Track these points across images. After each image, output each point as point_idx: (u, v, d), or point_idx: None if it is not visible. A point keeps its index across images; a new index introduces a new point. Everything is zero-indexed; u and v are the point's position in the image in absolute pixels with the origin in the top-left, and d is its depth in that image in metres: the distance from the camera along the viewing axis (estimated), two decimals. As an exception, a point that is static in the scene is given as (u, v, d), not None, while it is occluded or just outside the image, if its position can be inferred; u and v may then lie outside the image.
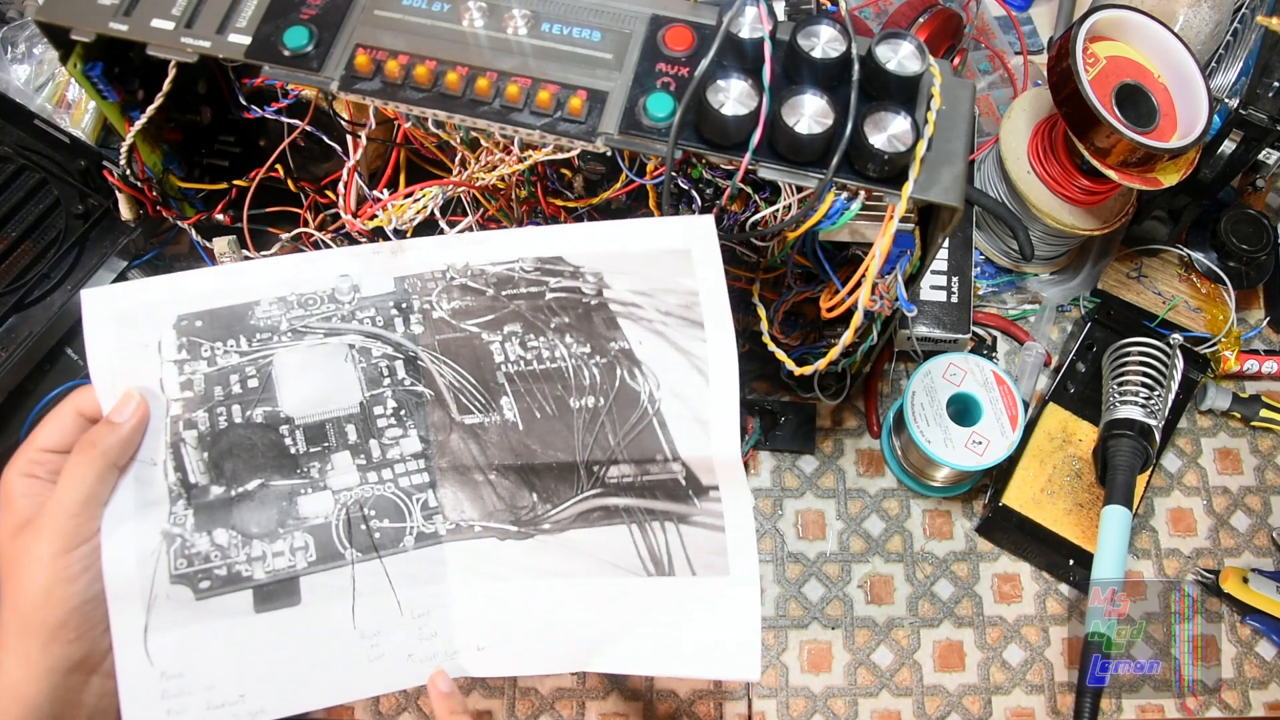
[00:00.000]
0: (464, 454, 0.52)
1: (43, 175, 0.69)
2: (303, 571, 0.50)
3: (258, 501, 0.49)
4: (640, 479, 0.52)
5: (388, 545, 0.51)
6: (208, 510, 0.48)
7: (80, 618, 0.44)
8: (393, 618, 0.51)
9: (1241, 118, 0.66)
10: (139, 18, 0.50)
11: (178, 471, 0.48)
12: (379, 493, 0.51)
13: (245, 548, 0.49)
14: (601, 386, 0.52)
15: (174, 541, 0.48)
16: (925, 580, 0.71)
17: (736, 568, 0.51)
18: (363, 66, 0.48)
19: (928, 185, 0.46)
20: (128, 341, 0.48)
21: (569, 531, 0.52)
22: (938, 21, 0.79)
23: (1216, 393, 0.75)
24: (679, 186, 0.52)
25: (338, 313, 0.51)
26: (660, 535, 0.52)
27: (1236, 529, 0.73)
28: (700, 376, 0.51)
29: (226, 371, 0.49)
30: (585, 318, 0.51)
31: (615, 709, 0.66)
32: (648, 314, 0.51)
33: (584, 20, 0.50)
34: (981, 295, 0.79)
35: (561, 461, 0.52)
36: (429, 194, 0.56)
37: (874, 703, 0.67)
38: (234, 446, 0.49)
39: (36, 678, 0.42)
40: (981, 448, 0.65)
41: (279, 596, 0.49)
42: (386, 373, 0.51)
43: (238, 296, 0.49)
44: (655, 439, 0.52)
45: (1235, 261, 0.75)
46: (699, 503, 0.52)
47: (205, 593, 0.48)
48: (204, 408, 0.49)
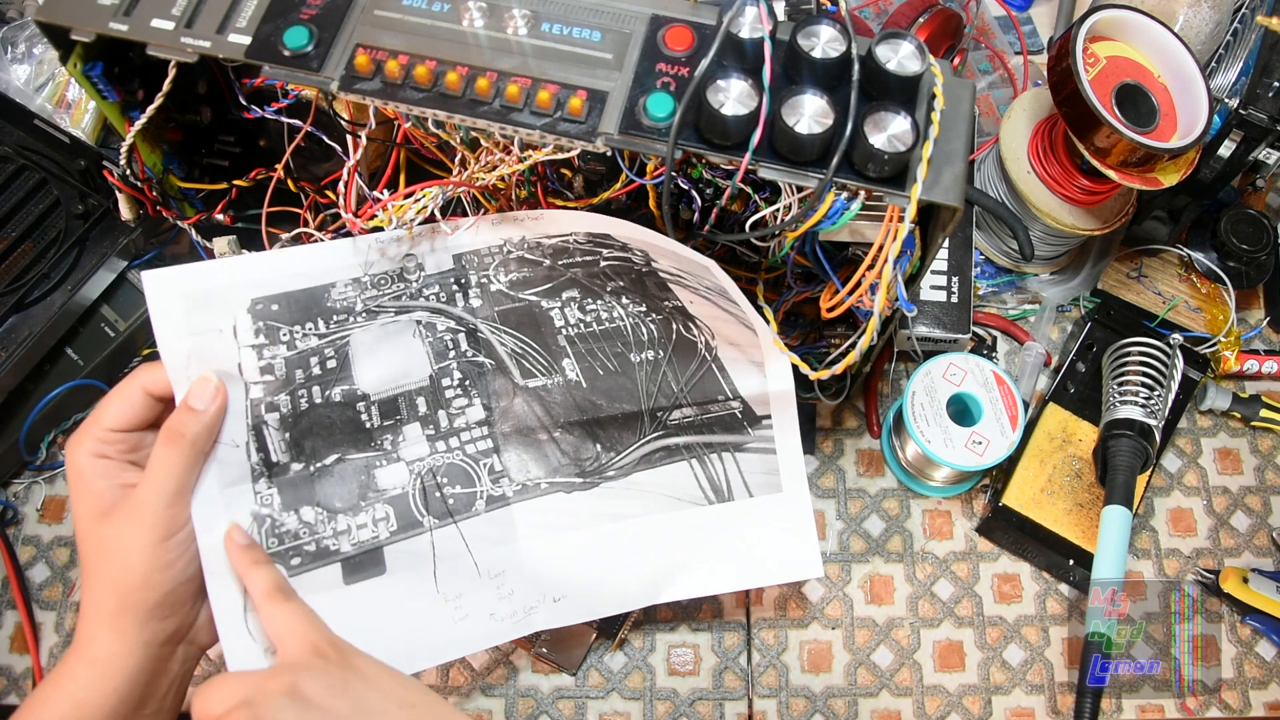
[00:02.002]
0: (528, 416, 0.54)
1: (43, 175, 0.69)
2: (385, 541, 0.51)
3: (337, 476, 0.51)
4: (700, 417, 0.55)
5: (461, 510, 0.53)
6: (291, 487, 0.50)
7: (174, 598, 0.46)
8: (472, 579, 0.53)
9: (1241, 118, 0.66)
10: (139, 18, 0.50)
11: (260, 452, 0.49)
12: (449, 461, 0.53)
13: (331, 522, 0.50)
14: (660, 340, 0.55)
15: (264, 522, 0.49)
16: (925, 580, 0.71)
17: (789, 484, 0.56)
18: (363, 66, 0.48)
19: (928, 185, 0.46)
20: (200, 325, 0.48)
21: (633, 475, 0.55)
22: (938, 21, 0.79)
23: (1216, 393, 0.75)
24: (679, 186, 0.52)
25: (407, 291, 0.52)
26: (719, 465, 0.56)
27: (1236, 529, 0.73)
28: (748, 331, 0.53)
29: (306, 354, 0.50)
30: (638, 282, 0.54)
31: (615, 709, 0.66)
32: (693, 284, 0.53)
33: (584, 20, 0.50)
34: (981, 295, 0.79)
35: (627, 412, 0.55)
36: (429, 194, 0.56)
37: (874, 703, 0.67)
38: (314, 425, 0.50)
39: (132, 651, 0.45)
40: (981, 448, 0.65)
41: (366, 567, 0.51)
42: (451, 345, 0.53)
43: (313, 279, 0.51)
44: (716, 382, 0.55)
45: (1235, 261, 0.75)
46: (753, 430, 0.55)
47: (297, 569, 0.50)
48: (286, 391, 0.50)
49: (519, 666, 0.67)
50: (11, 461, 0.70)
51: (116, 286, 0.71)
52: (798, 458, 0.56)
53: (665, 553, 0.55)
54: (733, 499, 0.56)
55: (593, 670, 0.67)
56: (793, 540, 0.56)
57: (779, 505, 0.56)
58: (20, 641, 0.67)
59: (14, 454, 0.70)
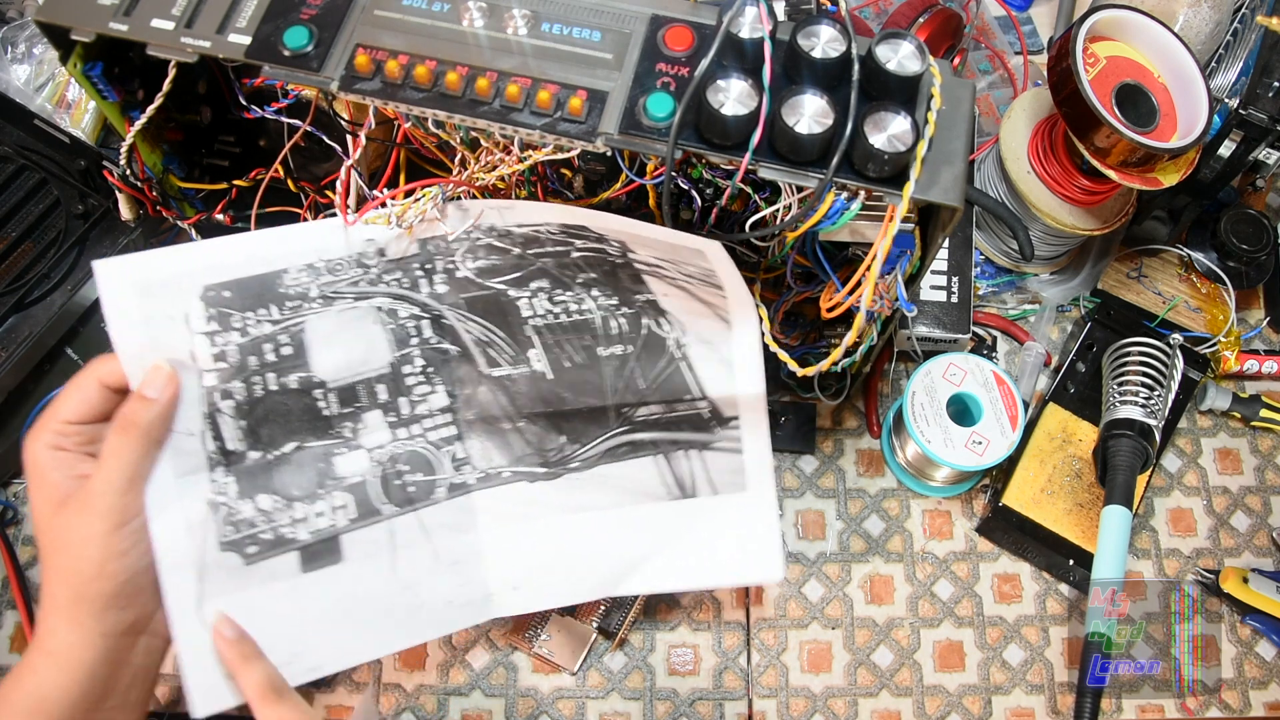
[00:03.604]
0: (492, 405, 0.53)
1: (43, 175, 0.69)
2: (343, 529, 0.51)
3: (295, 464, 0.50)
4: (667, 415, 0.54)
5: (421, 498, 0.52)
6: (248, 475, 0.49)
7: (131, 587, 0.45)
8: (430, 567, 0.52)
9: (1241, 118, 0.66)
10: (139, 18, 0.50)
11: (216, 440, 0.48)
12: (410, 448, 0.52)
13: (288, 510, 0.50)
14: (629, 335, 0.54)
15: (220, 510, 0.49)
16: (925, 580, 0.71)
17: (754, 484, 0.55)
18: (363, 66, 0.48)
19: (928, 185, 0.46)
20: (152, 313, 0.47)
21: (597, 467, 0.54)
22: (938, 21, 0.79)
23: (1216, 393, 0.75)
24: (679, 186, 0.52)
25: (365, 277, 0.51)
26: (684, 462, 0.55)
27: (1236, 529, 0.73)
28: (724, 324, 0.53)
29: (260, 341, 0.49)
30: (611, 274, 0.53)
31: (615, 709, 0.66)
32: (671, 273, 0.52)
33: (584, 20, 0.50)
34: (981, 295, 0.79)
35: (593, 406, 0.54)
36: (429, 194, 0.56)
37: (874, 703, 0.67)
38: (270, 413, 0.50)
39: (90, 643, 0.44)
40: (981, 448, 0.65)
41: (323, 555, 0.51)
42: (414, 332, 0.52)
43: (265, 265, 0.50)
44: (683, 381, 0.54)
45: (1235, 261, 0.75)
46: (719, 430, 0.54)
47: (253, 557, 0.49)
48: (240, 378, 0.49)
49: (519, 666, 0.67)
50: (11, 461, 0.70)
51: (116, 286, 0.71)
52: (766, 460, 0.55)
53: (626, 546, 0.55)
54: (696, 496, 0.55)
55: (593, 670, 0.67)
56: (755, 542, 0.55)
57: (743, 506, 0.55)
58: (20, 641, 0.67)
59: (14, 454, 0.70)
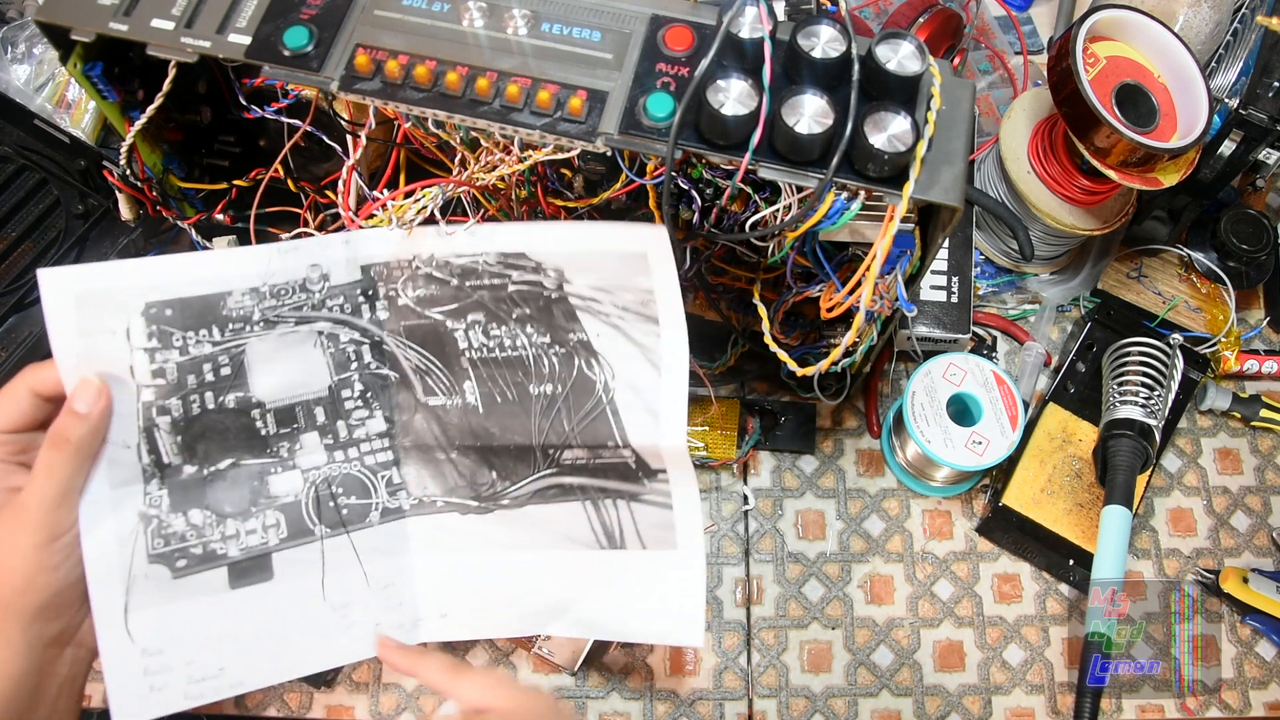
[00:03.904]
0: (426, 433, 0.54)
1: (43, 175, 0.69)
2: (274, 548, 0.51)
3: (230, 481, 0.50)
4: (593, 462, 0.54)
5: (354, 520, 0.53)
6: (182, 489, 0.49)
7: (60, 600, 0.45)
8: (360, 589, 0.53)
9: (1241, 118, 0.66)
10: (139, 18, 0.50)
11: (151, 454, 0.49)
12: (346, 471, 0.53)
13: (219, 526, 0.50)
14: (560, 375, 0.54)
15: (151, 522, 0.49)
16: (925, 580, 0.71)
17: (684, 543, 0.54)
18: (363, 66, 0.48)
19: (928, 185, 0.46)
20: (92, 326, 0.47)
21: (527, 507, 0.54)
22: (938, 21, 0.79)
23: (1216, 393, 0.75)
24: (679, 186, 0.52)
25: (308, 301, 0.52)
26: (612, 511, 0.54)
27: (1236, 529, 0.73)
28: (653, 369, 0.52)
29: (199, 360, 0.49)
30: (546, 310, 0.53)
31: (615, 709, 0.66)
32: (605, 308, 0.53)
33: (584, 20, 0.50)
34: (981, 295, 0.79)
35: (519, 444, 0.54)
36: (429, 194, 0.56)
37: (874, 703, 0.67)
38: (207, 430, 0.50)
39: (17, 654, 0.44)
40: (981, 448, 0.65)
41: (252, 573, 0.51)
42: (354, 357, 0.53)
43: (209, 286, 0.50)
44: (608, 426, 0.54)
45: (1235, 261, 0.75)
46: (648, 483, 0.54)
47: (182, 571, 0.49)
48: (178, 395, 0.49)
49: (519, 666, 0.67)
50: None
51: (116, 286, 0.71)
52: (696, 518, 0.54)
53: (552, 588, 0.55)
54: (625, 548, 0.54)
55: (593, 670, 0.67)
56: (680, 602, 0.54)
57: (671, 564, 0.54)
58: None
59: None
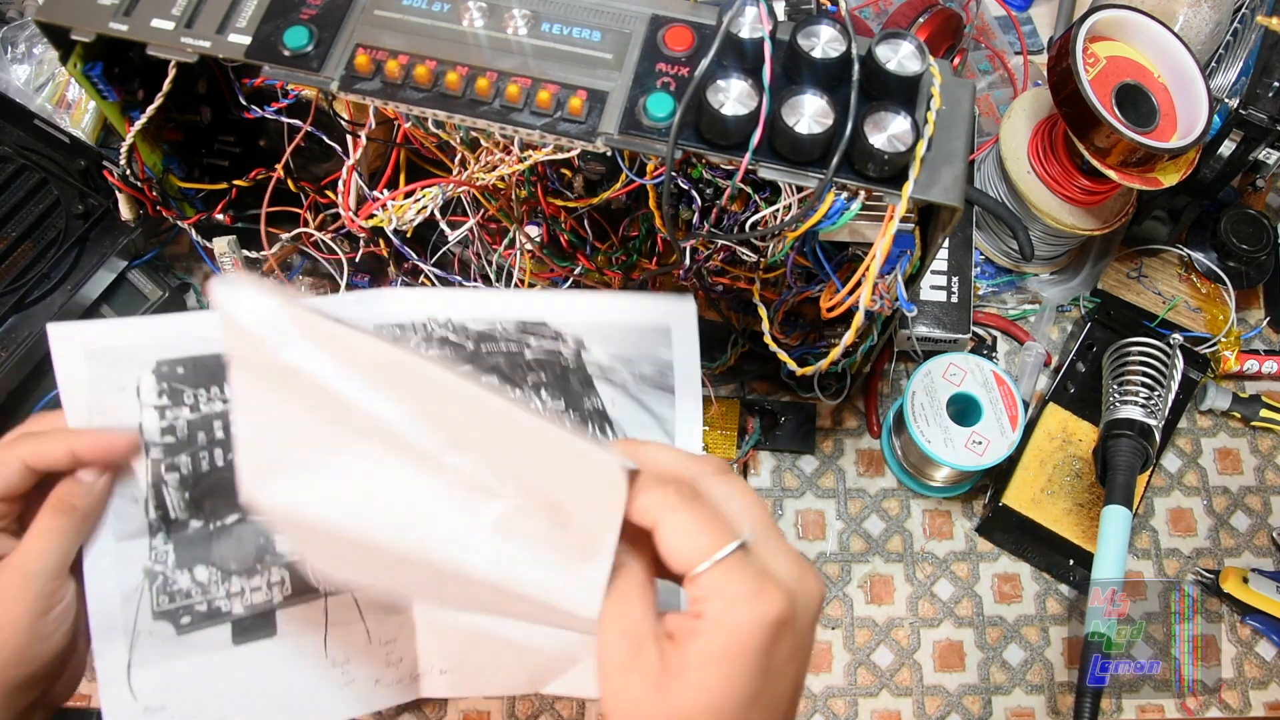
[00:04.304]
0: None
1: (43, 175, 0.69)
2: (279, 605, 0.51)
3: (236, 537, 0.50)
4: None
5: None
6: (188, 544, 0.49)
7: (48, 669, 0.44)
8: (362, 645, 0.52)
9: (1241, 118, 0.66)
10: (139, 18, 0.50)
11: (159, 509, 0.48)
12: None
13: (224, 584, 0.49)
14: None
15: (156, 579, 0.48)
16: (925, 580, 0.71)
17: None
18: (363, 66, 0.48)
19: (928, 185, 0.46)
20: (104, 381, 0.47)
21: None
22: (938, 21, 0.79)
23: (1216, 393, 0.75)
24: (679, 186, 0.52)
25: None
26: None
27: (1236, 529, 0.73)
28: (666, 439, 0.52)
29: (210, 418, 0.49)
30: (563, 377, 0.53)
31: (615, 709, 0.66)
32: (623, 378, 0.52)
33: (584, 20, 0.50)
34: (981, 295, 0.79)
35: None
36: (429, 194, 0.56)
37: (874, 703, 0.67)
38: (215, 486, 0.49)
39: None
40: (981, 448, 0.65)
41: (256, 629, 0.50)
42: None
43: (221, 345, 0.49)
44: None
45: (1235, 261, 0.75)
46: None
47: (186, 628, 0.49)
48: (187, 452, 0.48)
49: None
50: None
51: (116, 286, 0.71)
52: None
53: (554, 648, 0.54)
54: None
55: (593, 670, 0.67)
56: None
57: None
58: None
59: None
